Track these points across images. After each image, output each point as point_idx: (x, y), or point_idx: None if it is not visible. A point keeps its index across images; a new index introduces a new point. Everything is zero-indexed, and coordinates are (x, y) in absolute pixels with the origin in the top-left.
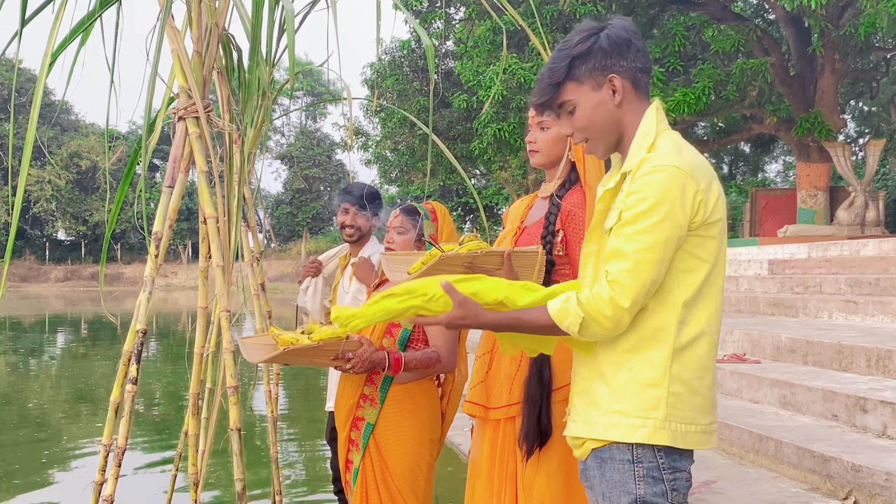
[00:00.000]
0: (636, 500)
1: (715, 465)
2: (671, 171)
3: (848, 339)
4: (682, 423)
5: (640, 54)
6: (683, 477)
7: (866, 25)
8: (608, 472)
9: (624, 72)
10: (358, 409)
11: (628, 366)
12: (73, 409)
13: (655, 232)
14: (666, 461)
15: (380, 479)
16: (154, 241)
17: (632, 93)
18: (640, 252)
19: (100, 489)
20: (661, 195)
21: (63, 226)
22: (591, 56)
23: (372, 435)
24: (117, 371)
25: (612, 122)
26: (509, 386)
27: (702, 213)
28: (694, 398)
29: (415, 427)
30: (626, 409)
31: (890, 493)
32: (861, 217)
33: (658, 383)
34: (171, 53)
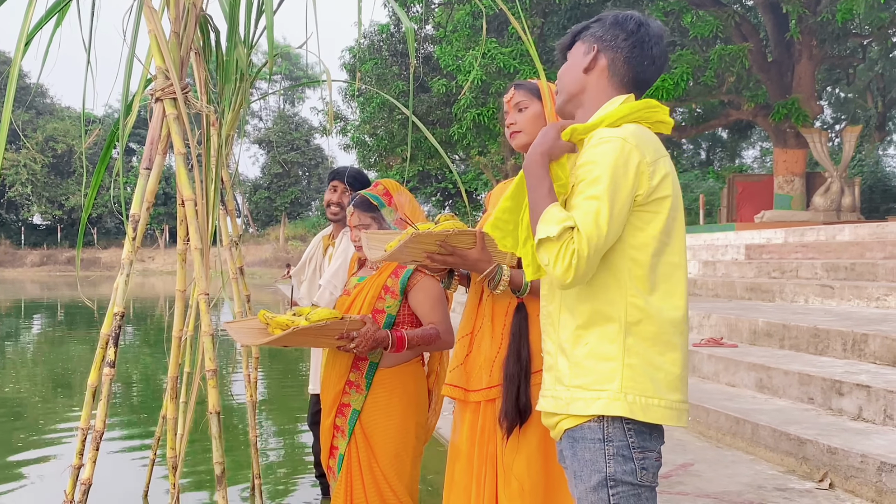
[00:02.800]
0: (606, 478)
1: (692, 448)
2: (616, 141)
3: (824, 324)
4: (642, 396)
5: (637, 51)
6: (653, 457)
7: (843, 12)
8: (580, 452)
9: (607, 50)
10: (344, 396)
11: (584, 341)
12: (50, 393)
13: (599, 198)
14: (636, 440)
15: (364, 465)
16: (131, 223)
17: (605, 72)
18: (587, 214)
19: (77, 473)
20: (606, 163)
21: (39, 210)
22: (598, 25)
23: (358, 421)
24: (95, 355)
25: (575, 84)
26: (489, 368)
27: (646, 184)
28: (654, 372)
29: (402, 411)
30: (584, 383)
31: (865, 474)
32: (837, 203)
33: (612, 357)
34: (148, 34)
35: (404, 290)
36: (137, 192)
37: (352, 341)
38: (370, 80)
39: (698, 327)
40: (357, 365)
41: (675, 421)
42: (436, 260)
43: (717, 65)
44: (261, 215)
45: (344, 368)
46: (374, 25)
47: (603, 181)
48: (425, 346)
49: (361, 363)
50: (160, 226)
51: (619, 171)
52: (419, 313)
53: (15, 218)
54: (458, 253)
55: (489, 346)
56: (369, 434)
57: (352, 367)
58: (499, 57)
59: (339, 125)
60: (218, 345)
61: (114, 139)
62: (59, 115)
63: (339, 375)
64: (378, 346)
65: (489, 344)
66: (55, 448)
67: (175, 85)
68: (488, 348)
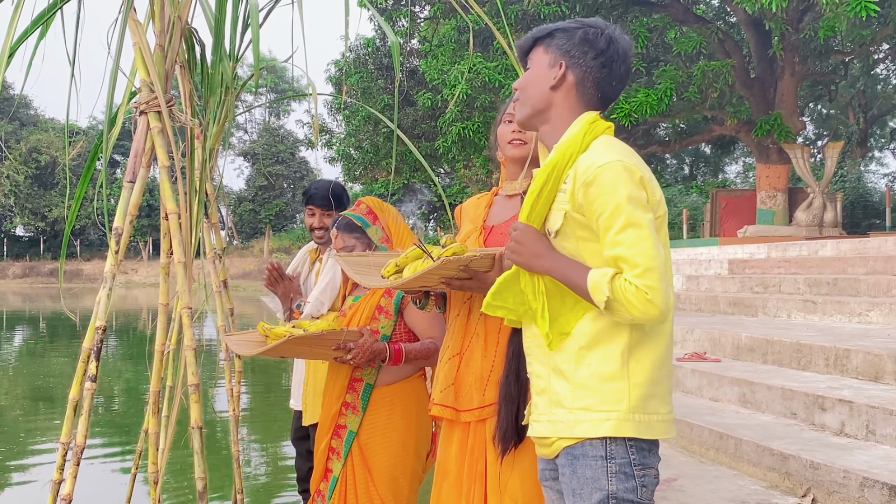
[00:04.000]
0: (608, 496)
1: (675, 463)
2: (614, 164)
3: (806, 339)
4: (645, 414)
5: (606, 70)
6: (652, 473)
7: (826, 29)
8: (580, 469)
9: (575, 67)
10: (340, 418)
11: (587, 362)
12: (30, 406)
13: (633, 226)
14: (637, 457)
15: (361, 488)
16: (115, 236)
17: (572, 89)
18: (631, 248)
19: (58, 488)
20: (615, 188)
21: (21, 221)
22: (565, 37)
23: (355, 442)
24: (76, 368)
25: (539, 99)
26: (482, 388)
27: (651, 197)
28: (654, 388)
29: (403, 430)
30: (590, 405)
31: (847, 490)
32: (819, 218)
33: (619, 377)
34: (133, 47)
35: (398, 308)
36: (121, 205)
37: (349, 352)
38: (356, 93)
39: (682, 342)
40: (353, 386)
41: (668, 433)
42: (453, 285)
43: (700, 81)
44: (245, 228)
45: (340, 390)
46: (359, 39)
47: (625, 207)
48: (424, 360)
49: (357, 384)
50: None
51: (633, 192)
52: (417, 330)
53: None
54: (478, 277)
55: (481, 366)
56: (367, 455)
57: (348, 389)
58: (484, 71)
59: (324, 138)
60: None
61: (98, 151)
62: (42, 127)
63: (335, 397)
64: (376, 357)
65: (480, 363)
66: (35, 462)
67: (160, 98)
68: (479, 367)
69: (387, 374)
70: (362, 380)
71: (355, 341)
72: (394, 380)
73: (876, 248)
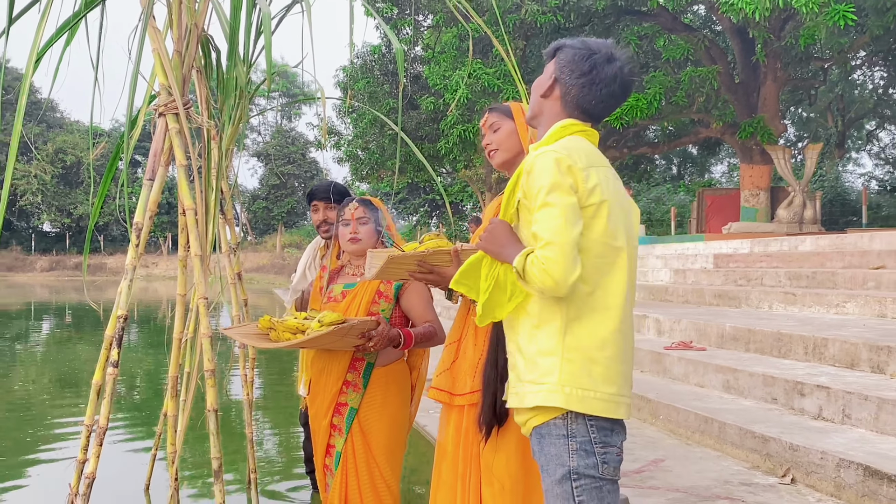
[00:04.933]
0: (570, 471)
1: (663, 445)
2: (545, 154)
3: (787, 329)
4: (578, 389)
5: (586, 91)
6: (614, 451)
7: (806, 37)
8: (546, 447)
9: (562, 82)
10: (341, 396)
11: (535, 339)
12: (57, 391)
13: (549, 205)
14: (598, 435)
15: (361, 460)
16: (135, 231)
17: (557, 100)
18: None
19: (82, 467)
20: (541, 174)
21: (48, 218)
22: (564, 54)
23: (356, 419)
24: (100, 355)
25: (535, 105)
26: (472, 373)
27: (582, 185)
28: (592, 367)
29: (397, 407)
30: (532, 378)
31: (824, 470)
32: (799, 215)
33: (553, 352)
34: (152, 53)
35: (398, 294)
36: (141, 202)
37: (370, 340)
38: (362, 97)
39: (669, 331)
40: (354, 365)
41: (613, 412)
42: (416, 278)
43: (687, 86)
44: (259, 224)
45: (341, 370)
46: (366, 46)
47: (544, 190)
48: (426, 342)
49: (359, 363)
50: (163, 233)
51: (556, 179)
52: (414, 314)
53: (26, 225)
54: (437, 271)
55: (472, 353)
56: (366, 430)
57: (349, 368)
58: (483, 77)
59: (333, 140)
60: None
61: (119, 151)
62: (68, 129)
63: (336, 377)
64: (390, 343)
65: (472, 351)
66: (61, 443)
67: (177, 101)
68: (472, 355)
69: (383, 356)
70: (363, 359)
71: (373, 330)
72: (389, 361)
73: (852, 244)
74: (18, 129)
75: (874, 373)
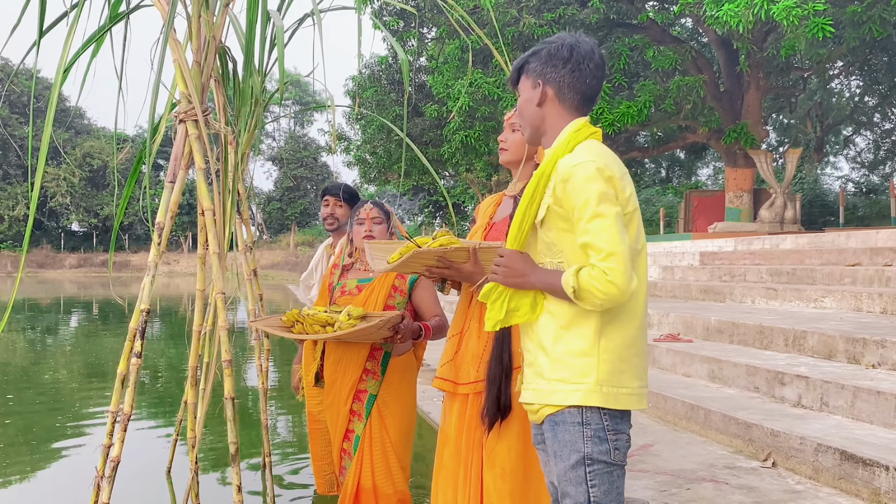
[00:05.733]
0: (584, 457)
1: (652, 431)
2: (586, 164)
3: (768, 322)
4: (613, 387)
5: (577, 74)
6: (624, 438)
7: (787, 48)
8: (560, 434)
9: (551, 81)
10: (360, 383)
11: (564, 339)
12: (84, 381)
13: (600, 215)
14: (610, 423)
15: (377, 444)
16: (157, 230)
17: (555, 101)
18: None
19: (107, 451)
20: (587, 184)
21: (76, 218)
22: (535, 59)
23: (375, 404)
24: (124, 347)
25: (533, 117)
26: (477, 364)
27: (622, 194)
28: (622, 365)
29: (409, 393)
30: (564, 377)
31: (804, 454)
32: (780, 216)
33: (589, 353)
34: (173, 63)
35: (412, 289)
36: (163, 203)
37: (397, 333)
38: (370, 105)
39: (658, 325)
40: (373, 355)
41: (638, 405)
42: (433, 273)
43: (675, 94)
44: (273, 224)
45: (361, 359)
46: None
47: (593, 201)
48: (437, 334)
49: (377, 353)
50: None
51: (602, 188)
52: (424, 308)
53: (55, 225)
54: (454, 266)
55: (476, 344)
56: (384, 415)
57: (368, 357)
58: (484, 86)
59: (342, 145)
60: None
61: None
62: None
63: (355, 366)
64: (413, 335)
65: (476, 342)
66: (89, 429)
67: (196, 108)
68: (475, 346)
69: (399, 346)
70: (382, 349)
71: (399, 324)
72: (403, 351)
73: (830, 242)
74: (48, 134)
75: (850, 363)
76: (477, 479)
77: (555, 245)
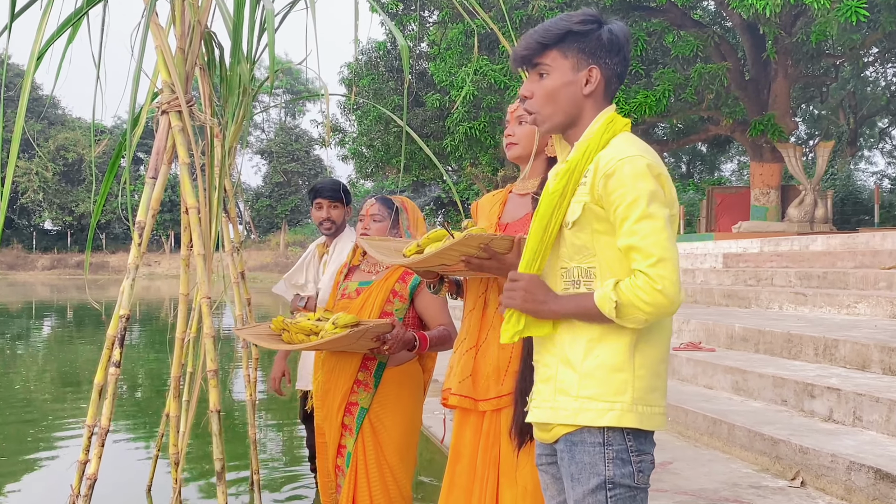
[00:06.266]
0: (605, 481)
1: (671, 448)
2: (635, 158)
3: (797, 329)
4: (647, 406)
5: (623, 62)
6: (648, 459)
7: (817, 33)
8: (578, 455)
9: (605, 69)
10: (352, 395)
11: (595, 353)
12: (58, 391)
13: (650, 217)
14: (634, 444)
15: (371, 460)
16: (138, 229)
17: (601, 91)
18: (646, 238)
19: (83, 468)
20: (636, 181)
21: (50, 216)
22: (587, 39)
23: (366, 418)
24: (101, 355)
25: (573, 106)
26: (501, 378)
27: (669, 195)
28: (656, 381)
29: (411, 407)
30: (594, 395)
31: (835, 473)
32: (811, 214)
33: (624, 368)
34: (155, 49)
35: (413, 294)
36: (143, 200)
37: (384, 343)
38: (367, 94)
39: (678, 332)
40: (366, 365)
41: (664, 425)
42: (473, 264)
43: (697, 83)
44: (262, 222)
45: (353, 369)
46: (371, 43)
47: (642, 200)
48: (441, 345)
49: (370, 363)
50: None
51: (652, 186)
52: (428, 315)
53: (27, 223)
54: (497, 257)
55: (498, 357)
56: (377, 430)
57: (360, 368)
58: (490, 73)
59: (337, 137)
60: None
61: (122, 149)
62: (70, 126)
63: (347, 377)
64: (405, 346)
65: (497, 354)
66: (62, 444)
67: (180, 98)
68: (496, 358)
69: (396, 356)
70: (375, 359)
71: (389, 332)
72: (402, 361)
73: (864, 243)
74: (20, 125)
75: (886, 374)
76: (492, 498)
77: (587, 248)
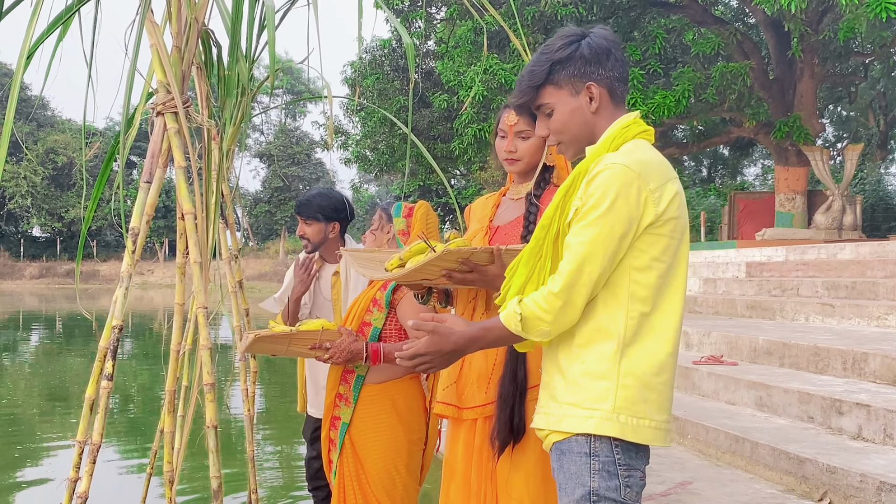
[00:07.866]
0: (590, 492)
1: (691, 466)
2: (618, 168)
3: (824, 342)
4: (633, 417)
5: (618, 64)
6: (637, 475)
7: (845, 31)
8: (566, 464)
9: (602, 80)
10: (335, 409)
11: (581, 359)
12: (47, 405)
13: (598, 225)
14: (622, 457)
15: (354, 480)
16: (131, 236)
17: (608, 101)
18: (581, 244)
19: (74, 486)
20: (606, 190)
21: (38, 222)
22: (571, 62)
23: (347, 434)
24: (92, 368)
25: (585, 128)
26: (485, 385)
27: (651, 211)
28: (647, 393)
29: (391, 429)
30: (577, 401)
31: (864, 494)
32: (838, 221)
33: (607, 376)
34: (150, 48)
35: (389, 302)
36: (137, 206)
37: (326, 351)
38: (372, 94)
39: (698, 345)
40: (345, 378)
41: (663, 441)
42: (455, 278)
43: (718, 82)
44: (261, 229)
45: (335, 381)
46: (376, 41)
47: (599, 208)
48: None
49: (349, 375)
50: (160, 239)
51: (620, 199)
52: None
53: (14, 230)
54: (479, 270)
55: (482, 364)
56: (358, 448)
57: (341, 380)
58: (500, 73)
59: (340, 140)
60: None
61: (114, 152)
62: (59, 128)
63: (331, 388)
64: (354, 357)
65: (482, 361)
66: (52, 461)
67: (176, 99)
68: (481, 365)
69: (378, 373)
70: (354, 371)
71: (332, 341)
72: (385, 378)
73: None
74: (9, 128)
75: None
76: None
77: None
